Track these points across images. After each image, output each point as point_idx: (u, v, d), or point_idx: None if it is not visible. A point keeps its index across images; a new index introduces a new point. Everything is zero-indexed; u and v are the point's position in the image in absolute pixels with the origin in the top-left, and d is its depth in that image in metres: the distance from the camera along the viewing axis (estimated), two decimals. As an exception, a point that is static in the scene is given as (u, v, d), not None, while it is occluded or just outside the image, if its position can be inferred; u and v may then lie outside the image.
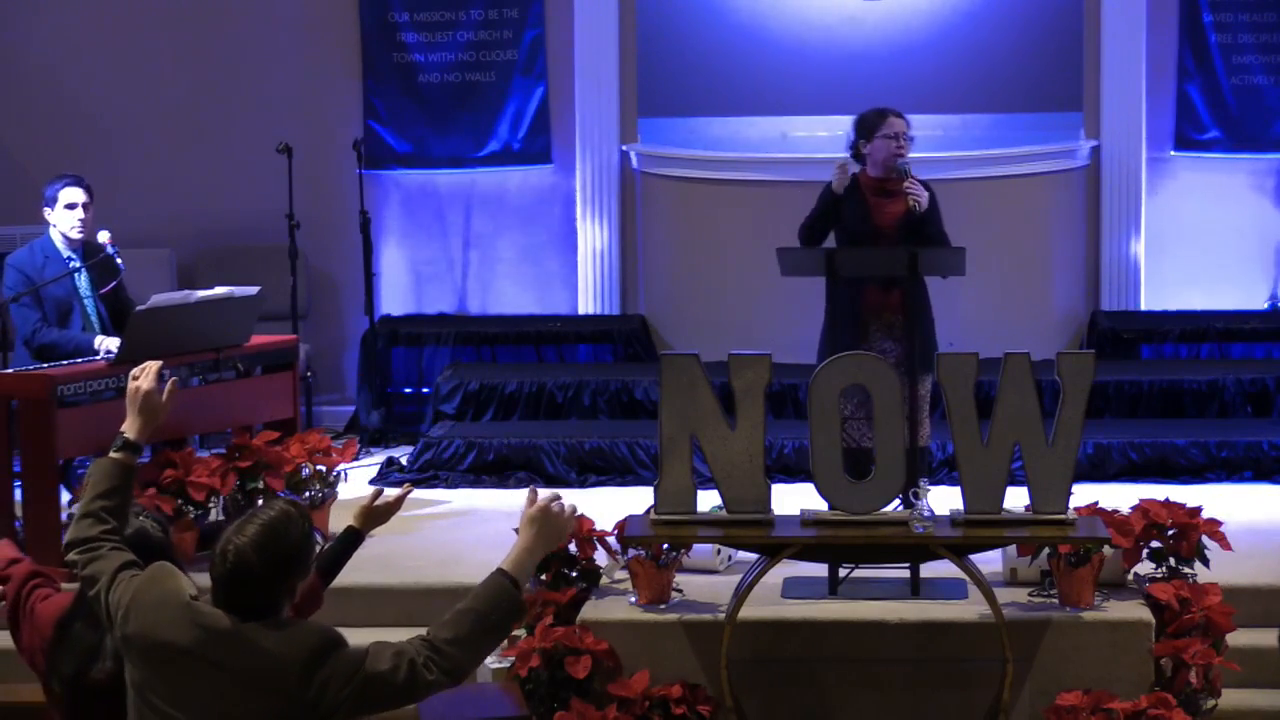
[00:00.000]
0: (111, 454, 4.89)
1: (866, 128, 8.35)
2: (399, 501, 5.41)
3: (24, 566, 5.48)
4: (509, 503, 9.13)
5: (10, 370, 8.48)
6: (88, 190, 8.85)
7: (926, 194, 8.18)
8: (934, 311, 8.30)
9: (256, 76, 11.51)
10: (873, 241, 8.23)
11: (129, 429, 4.93)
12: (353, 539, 5.38)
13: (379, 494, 5.40)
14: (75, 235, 8.81)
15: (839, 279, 8.10)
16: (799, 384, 9.76)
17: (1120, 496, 8.06)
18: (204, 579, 4.60)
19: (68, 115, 11.53)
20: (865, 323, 8.18)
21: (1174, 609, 7.17)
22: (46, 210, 8.84)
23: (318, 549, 4.88)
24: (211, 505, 8.34)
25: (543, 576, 7.49)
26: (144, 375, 4.99)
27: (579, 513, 4.87)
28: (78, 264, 8.82)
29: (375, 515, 5.39)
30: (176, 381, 5.11)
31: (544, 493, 4.79)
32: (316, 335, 11.40)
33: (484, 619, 4.51)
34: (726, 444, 7.01)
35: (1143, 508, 7.47)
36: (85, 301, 8.87)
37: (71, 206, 8.79)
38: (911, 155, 8.41)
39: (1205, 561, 7.43)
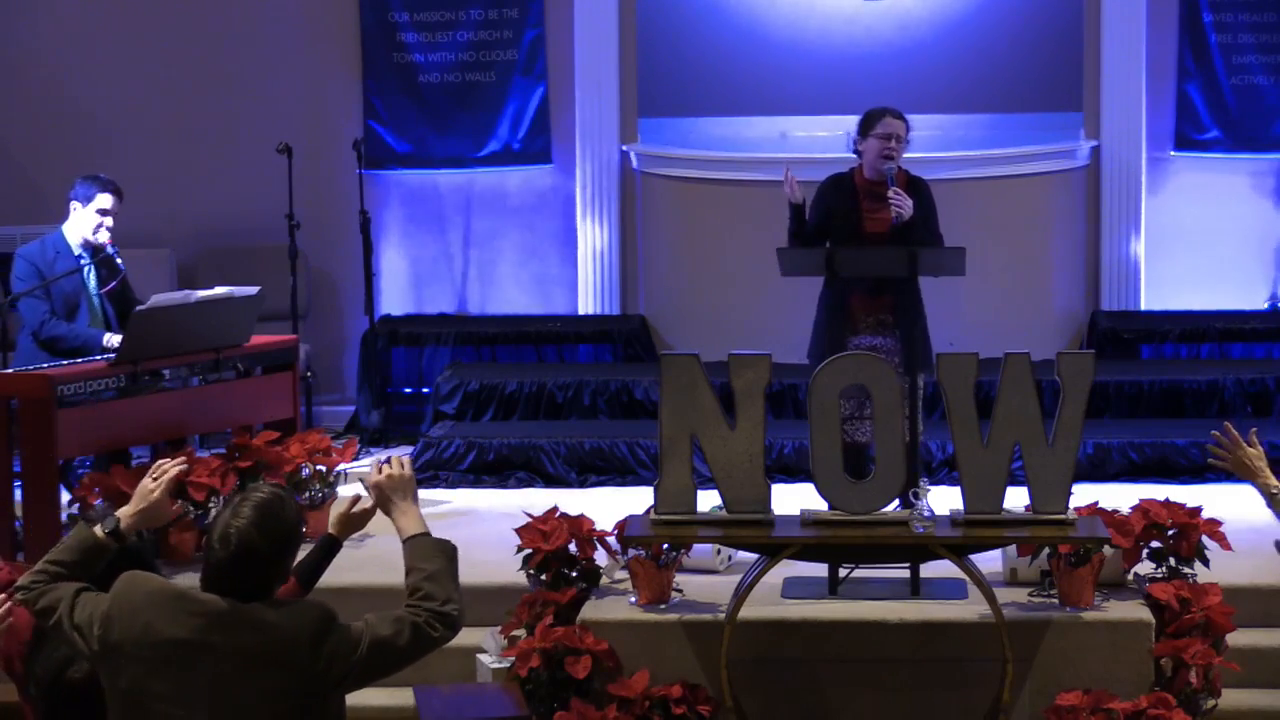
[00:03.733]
0: (98, 530, 4.83)
1: (864, 125, 8.32)
2: (375, 508, 5.42)
3: (3, 574, 5.47)
4: (509, 503, 9.14)
5: (10, 370, 8.49)
6: (120, 200, 8.86)
7: (910, 204, 8.11)
8: (935, 312, 8.28)
9: (256, 76, 11.51)
10: (859, 245, 8.19)
11: (126, 518, 4.88)
12: (330, 546, 5.38)
13: (356, 500, 5.40)
14: (98, 239, 8.80)
15: (831, 279, 8.10)
16: (799, 384, 9.76)
17: (1120, 496, 8.06)
18: (195, 579, 4.60)
19: (68, 115, 11.53)
20: (855, 321, 8.16)
21: (1174, 609, 7.17)
22: (75, 204, 8.82)
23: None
24: (211, 505, 8.33)
25: (543, 576, 7.49)
26: (162, 479, 4.96)
27: (404, 459, 4.96)
28: (86, 261, 8.83)
29: (353, 522, 5.39)
30: (185, 506, 5.12)
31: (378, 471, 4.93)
32: (316, 335, 11.40)
33: (444, 572, 4.73)
34: (726, 444, 7.01)
35: (1143, 508, 7.47)
36: (93, 299, 8.88)
37: (104, 212, 8.79)
38: (913, 155, 8.38)
39: (1205, 561, 7.44)
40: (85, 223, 8.80)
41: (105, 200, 8.80)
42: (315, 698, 4.51)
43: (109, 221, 8.81)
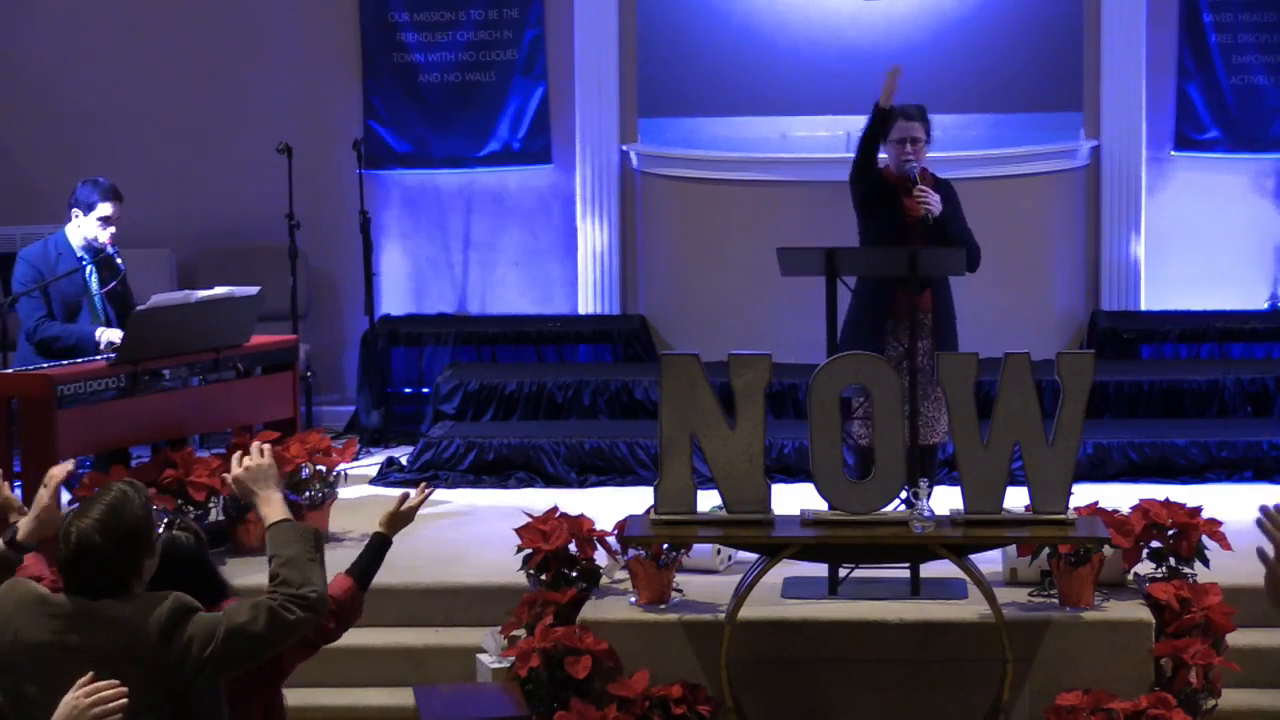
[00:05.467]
0: None
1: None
2: (420, 504, 5.62)
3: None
4: (509, 502, 9.14)
5: (10, 370, 8.49)
6: (120, 204, 8.84)
7: (937, 199, 8.13)
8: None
9: (256, 76, 11.51)
10: (900, 238, 8.17)
11: (23, 530, 5.06)
12: (381, 544, 5.56)
13: (404, 498, 5.61)
14: (106, 242, 8.81)
15: (866, 279, 8.08)
16: (799, 384, 9.76)
17: (1120, 496, 8.06)
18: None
19: (69, 115, 11.53)
20: (896, 319, 8.11)
21: (1174, 609, 7.17)
22: (76, 211, 8.76)
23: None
24: (211, 505, 8.35)
25: (543, 576, 7.49)
26: (51, 484, 5.12)
27: (265, 446, 5.08)
28: (88, 262, 8.81)
29: (400, 519, 5.61)
30: (73, 505, 5.21)
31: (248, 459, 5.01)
32: (316, 335, 11.40)
33: (302, 557, 4.73)
34: (726, 444, 7.01)
35: (1143, 508, 7.47)
36: (95, 300, 8.87)
37: (105, 220, 8.76)
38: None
39: (1205, 561, 7.44)
40: (88, 230, 8.78)
41: (106, 209, 8.75)
42: (175, 690, 4.52)
43: (112, 229, 8.80)
